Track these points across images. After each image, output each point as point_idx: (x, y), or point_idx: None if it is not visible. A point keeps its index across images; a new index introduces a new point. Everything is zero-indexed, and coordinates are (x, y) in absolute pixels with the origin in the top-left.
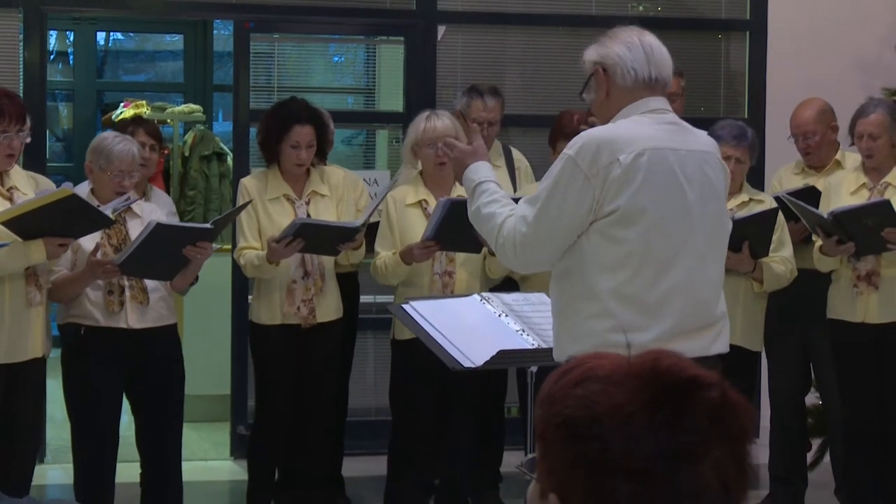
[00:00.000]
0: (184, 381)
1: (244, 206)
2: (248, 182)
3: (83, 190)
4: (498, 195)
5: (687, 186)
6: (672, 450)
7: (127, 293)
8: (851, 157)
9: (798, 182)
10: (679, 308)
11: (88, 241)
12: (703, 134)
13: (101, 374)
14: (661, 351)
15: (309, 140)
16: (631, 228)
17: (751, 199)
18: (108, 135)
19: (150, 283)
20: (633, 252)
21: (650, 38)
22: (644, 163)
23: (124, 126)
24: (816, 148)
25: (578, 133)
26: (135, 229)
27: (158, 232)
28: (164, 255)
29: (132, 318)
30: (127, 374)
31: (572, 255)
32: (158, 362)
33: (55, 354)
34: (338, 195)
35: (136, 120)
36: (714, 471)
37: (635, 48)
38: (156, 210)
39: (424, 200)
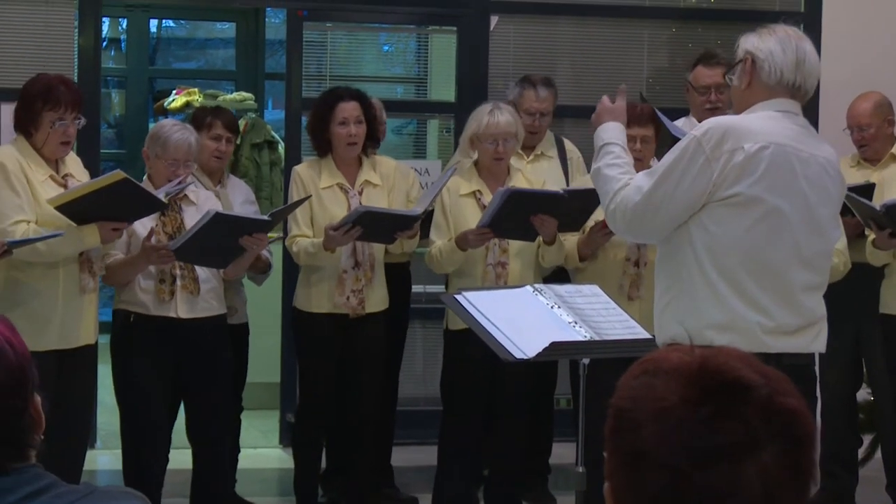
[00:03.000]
0: (230, 371)
1: (303, 200)
2: (301, 170)
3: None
4: (621, 160)
5: (806, 186)
6: (706, 448)
7: (178, 283)
8: None
9: (853, 174)
10: (787, 305)
11: (142, 227)
12: (826, 143)
13: (147, 362)
14: (723, 350)
15: (356, 115)
16: (746, 216)
17: None
18: (167, 122)
19: (201, 274)
20: (746, 239)
21: (807, 45)
22: (767, 155)
23: (203, 115)
24: (871, 140)
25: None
26: (190, 217)
27: (216, 221)
28: (219, 243)
29: (181, 308)
30: (175, 363)
31: (685, 238)
32: (206, 352)
33: (103, 340)
34: (389, 185)
35: (216, 110)
36: (758, 474)
37: (790, 51)
38: (211, 198)
39: (478, 191)
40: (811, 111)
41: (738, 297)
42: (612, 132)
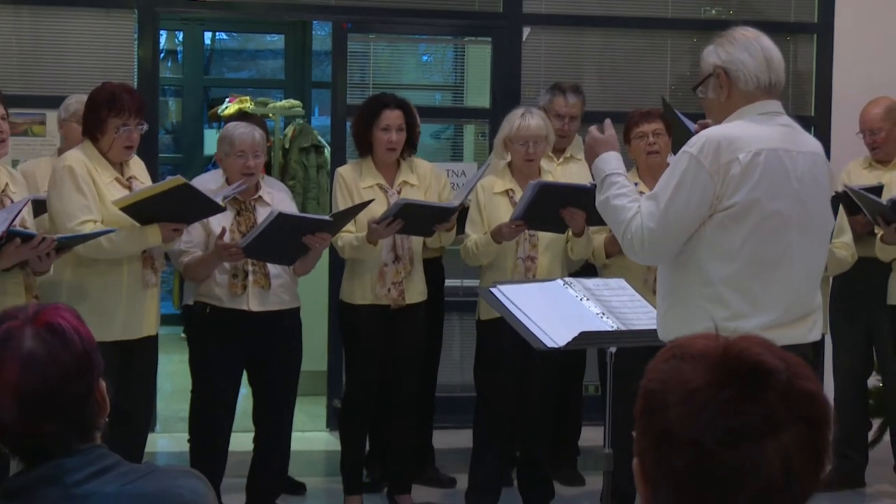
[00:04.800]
0: (300, 360)
1: (366, 203)
2: (343, 171)
3: (216, 177)
4: (626, 189)
5: (798, 185)
6: (730, 428)
7: (250, 278)
8: None
9: (866, 175)
10: (784, 300)
11: (218, 227)
12: (810, 136)
13: (221, 351)
14: (745, 337)
15: (399, 123)
16: (745, 222)
17: None
18: (232, 123)
19: (272, 270)
20: (747, 244)
21: (767, 42)
22: (761, 161)
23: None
24: (882, 143)
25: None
26: (263, 218)
27: (280, 220)
28: (285, 241)
29: (253, 302)
30: (247, 353)
31: (688, 243)
32: (277, 344)
33: (165, 332)
34: (425, 184)
35: (243, 116)
36: (778, 453)
37: (757, 54)
38: (285, 200)
39: (511, 189)
40: (825, 116)
41: (738, 300)
42: (612, 163)
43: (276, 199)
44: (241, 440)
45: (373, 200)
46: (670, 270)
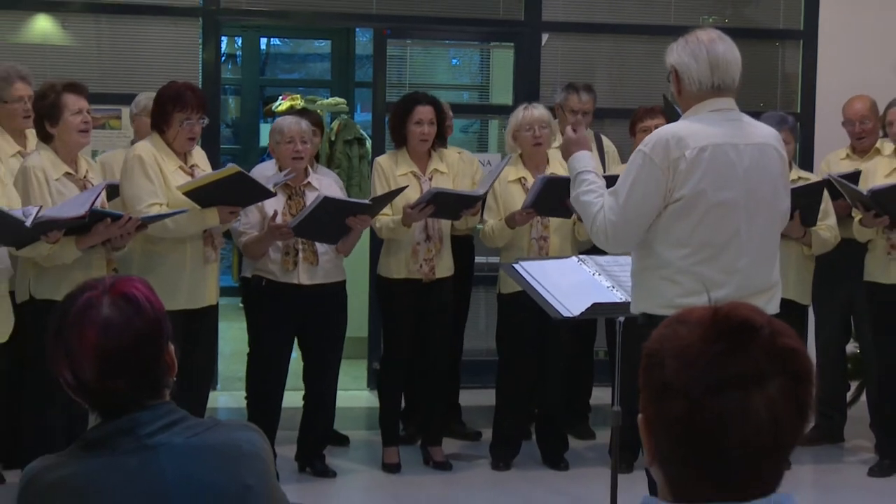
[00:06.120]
0: (345, 328)
1: (401, 189)
2: (381, 161)
3: (271, 166)
4: (595, 185)
5: (743, 176)
6: (719, 378)
7: (300, 255)
8: (889, 146)
9: (845, 164)
10: (732, 280)
11: (271, 209)
12: (764, 126)
13: (275, 319)
14: (734, 302)
15: (430, 118)
16: (694, 212)
17: (799, 178)
18: (281, 117)
19: (320, 248)
20: (696, 232)
21: (721, 46)
22: (706, 157)
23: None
24: (870, 132)
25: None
26: (312, 201)
27: (325, 203)
28: (329, 222)
29: (303, 276)
30: (298, 320)
31: (647, 230)
32: (324, 313)
33: (224, 302)
34: (454, 172)
35: (302, 111)
36: (764, 403)
37: (702, 59)
38: (332, 185)
39: (523, 178)
40: (809, 112)
41: (689, 281)
42: (583, 161)
43: (324, 184)
44: (292, 398)
45: (407, 187)
46: (636, 254)
